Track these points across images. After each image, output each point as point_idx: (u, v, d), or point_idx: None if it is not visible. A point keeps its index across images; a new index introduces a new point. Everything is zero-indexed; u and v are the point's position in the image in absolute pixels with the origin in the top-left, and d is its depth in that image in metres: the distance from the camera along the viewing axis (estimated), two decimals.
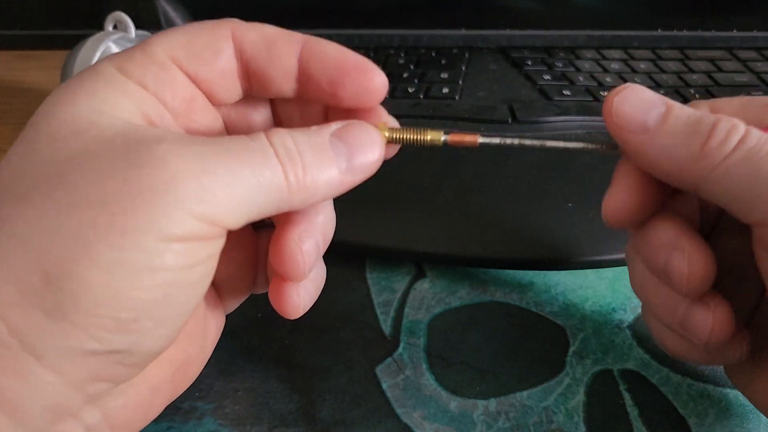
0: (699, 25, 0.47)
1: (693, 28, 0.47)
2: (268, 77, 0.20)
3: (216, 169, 0.16)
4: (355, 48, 0.20)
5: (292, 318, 0.21)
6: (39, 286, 0.15)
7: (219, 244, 0.18)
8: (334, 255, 0.31)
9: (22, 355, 0.15)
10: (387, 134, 0.20)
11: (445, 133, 0.21)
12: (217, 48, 0.19)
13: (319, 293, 0.22)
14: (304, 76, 0.20)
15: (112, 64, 0.18)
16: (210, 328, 0.22)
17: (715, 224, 0.23)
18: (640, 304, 0.29)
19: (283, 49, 0.20)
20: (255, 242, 0.23)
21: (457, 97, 0.40)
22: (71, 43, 0.36)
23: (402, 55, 0.46)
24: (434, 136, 0.21)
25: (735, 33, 0.47)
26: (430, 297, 0.29)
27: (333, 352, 0.27)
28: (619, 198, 0.21)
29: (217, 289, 0.22)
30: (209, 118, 0.20)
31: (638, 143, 0.19)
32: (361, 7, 0.48)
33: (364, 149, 0.19)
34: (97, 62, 0.19)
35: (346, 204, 0.32)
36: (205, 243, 0.17)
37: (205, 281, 0.18)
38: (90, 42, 0.34)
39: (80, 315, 0.15)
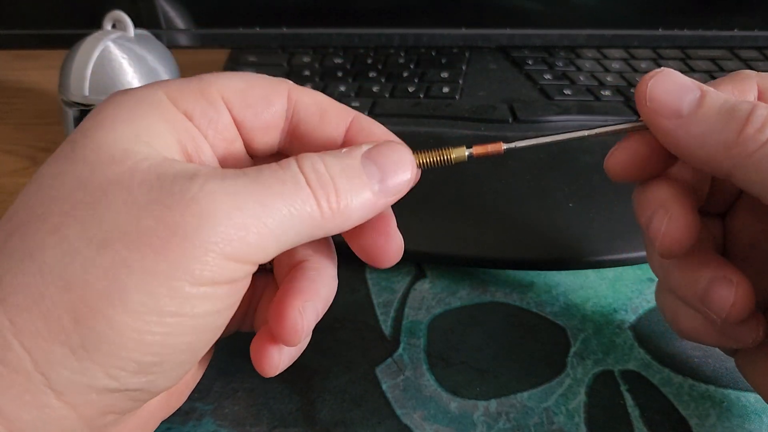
0: (700, 25, 0.47)
1: (694, 28, 0.47)
2: (313, 142, 0.20)
3: (247, 204, 0.16)
4: (355, 47, 0.20)
5: (266, 376, 0.21)
6: (68, 324, 0.15)
7: (245, 286, 0.18)
8: None
9: (43, 389, 0.15)
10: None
11: (468, 147, 0.21)
12: (271, 102, 0.20)
13: (298, 356, 0.22)
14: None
15: (162, 89, 0.18)
16: (203, 358, 0.22)
17: (733, 204, 0.23)
18: (642, 304, 0.29)
19: (333, 120, 0.20)
20: (251, 285, 0.23)
21: (457, 97, 0.40)
22: (70, 43, 0.35)
23: (402, 54, 0.45)
24: (458, 153, 0.20)
25: (736, 32, 0.46)
26: (430, 297, 0.29)
27: (333, 352, 0.26)
28: (625, 153, 0.21)
29: None
30: (242, 163, 0.21)
31: (671, 129, 0.19)
32: (361, 6, 0.48)
33: (397, 169, 0.19)
34: (149, 84, 0.19)
35: None
36: (233, 286, 0.17)
37: (225, 323, 0.18)
38: (88, 41, 0.34)
39: (104, 356, 0.15)
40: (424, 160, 0.20)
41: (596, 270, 0.30)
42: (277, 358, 0.21)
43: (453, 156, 0.20)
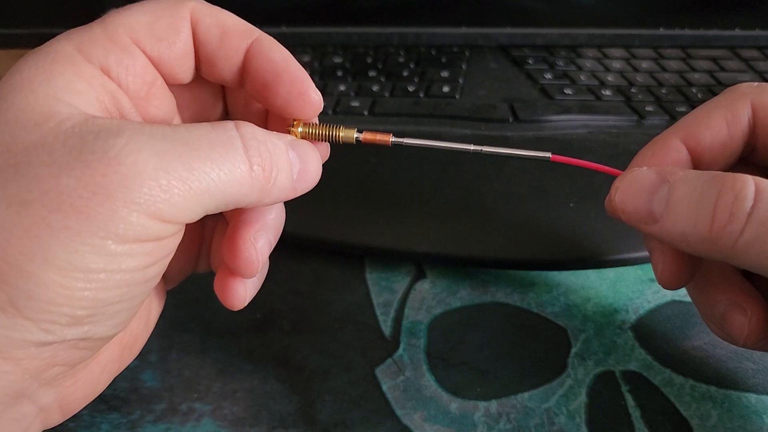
0: (701, 24, 0.46)
1: (695, 27, 0.46)
2: (214, 64, 0.20)
3: (173, 166, 0.16)
4: (354, 46, 0.20)
5: (236, 309, 0.21)
6: None
7: (175, 241, 0.18)
8: (333, 255, 0.31)
9: None
10: (300, 129, 0.21)
11: (359, 131, 0.21)
12: (178, 29, 0.19)
13: (261, 284, 0.22)
14: (245, 73, 0.20)
15: (72, 44, 0.18)
16: (153, 306, 0.23)
17: None
18: (643, 304, 0.29)
19: (233, 41, 0.20)
20: (200, 225, 0.24)
21: (457, 96, 0.39)
22: None
23: (402, 53, 0.45)
24: (347, 134, 0.21)
25: (737, 32, 0.46)
26: (430, 297, 0.29)
27: (332, 353, 0.26)
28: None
29: None
30: (166, 101, 0.21)
31: (653, 233, 0.19)
32: (361, 5, 0.48)
33: (310, 166, 0.20)
34: (57, 38, 0.18)
35: (345, 204, 0.32)
36: (161, 242, 0.17)
37: (159, 275, 0.18)
38: None
39: (34, 311, 0.15)
40: (313, 131, 0.21)
41: (597, 270, 0.30)
42: (243, 291, 0.21)
43: (342, 135, 0.21)
